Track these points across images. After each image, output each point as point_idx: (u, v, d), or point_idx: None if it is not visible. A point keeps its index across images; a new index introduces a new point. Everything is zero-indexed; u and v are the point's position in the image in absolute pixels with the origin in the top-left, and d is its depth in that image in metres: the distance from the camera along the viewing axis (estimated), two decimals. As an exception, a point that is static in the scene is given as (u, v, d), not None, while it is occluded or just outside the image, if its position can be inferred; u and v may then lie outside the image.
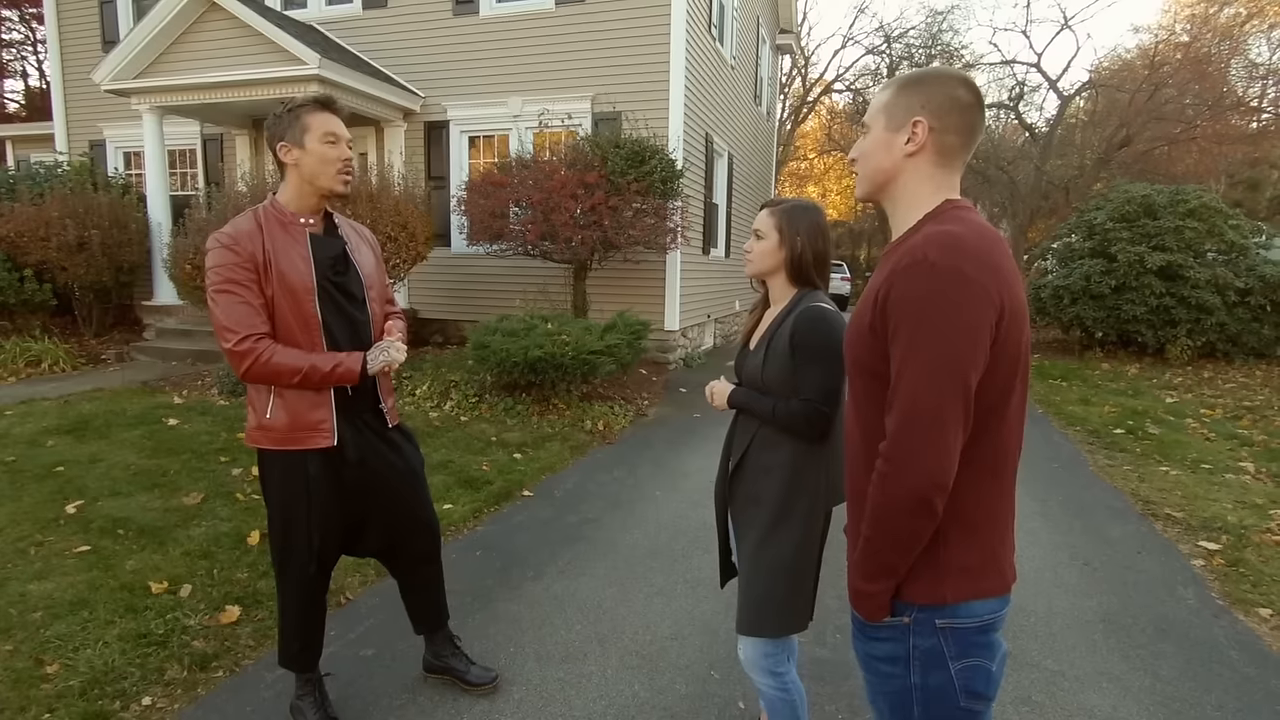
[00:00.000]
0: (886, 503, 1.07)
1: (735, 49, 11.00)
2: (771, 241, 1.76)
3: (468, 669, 2.39)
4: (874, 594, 1.12)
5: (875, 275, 1.15)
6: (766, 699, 1.81)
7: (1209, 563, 3.56)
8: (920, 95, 1.14)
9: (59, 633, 2.59)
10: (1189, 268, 9.45)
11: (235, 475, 4.26)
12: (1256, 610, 3.09)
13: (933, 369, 1.01)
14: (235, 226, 1.90)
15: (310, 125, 1.90)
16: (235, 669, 2.49)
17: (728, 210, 11.28)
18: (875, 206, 1.38)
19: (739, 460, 1.82)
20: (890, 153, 1.17)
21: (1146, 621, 2.97)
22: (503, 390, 6.11)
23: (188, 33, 8.28)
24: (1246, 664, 2.68)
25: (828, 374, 1.67)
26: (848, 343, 1.20)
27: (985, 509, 1.10)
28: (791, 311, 1.74)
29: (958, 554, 1.10)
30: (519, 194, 6.94)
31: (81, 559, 3.16)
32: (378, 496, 2.13)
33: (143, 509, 3.72)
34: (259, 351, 1.84)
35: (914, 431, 1.03)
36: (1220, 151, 21.39)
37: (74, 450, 4.65)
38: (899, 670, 1.14)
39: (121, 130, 10.48)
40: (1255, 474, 4.94)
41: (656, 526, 3.84)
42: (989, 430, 1.07)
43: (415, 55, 9.11)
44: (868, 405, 1.16)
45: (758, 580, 1.74)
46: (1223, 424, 6.33)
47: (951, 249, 1.02)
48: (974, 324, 1.01)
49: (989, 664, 1.12)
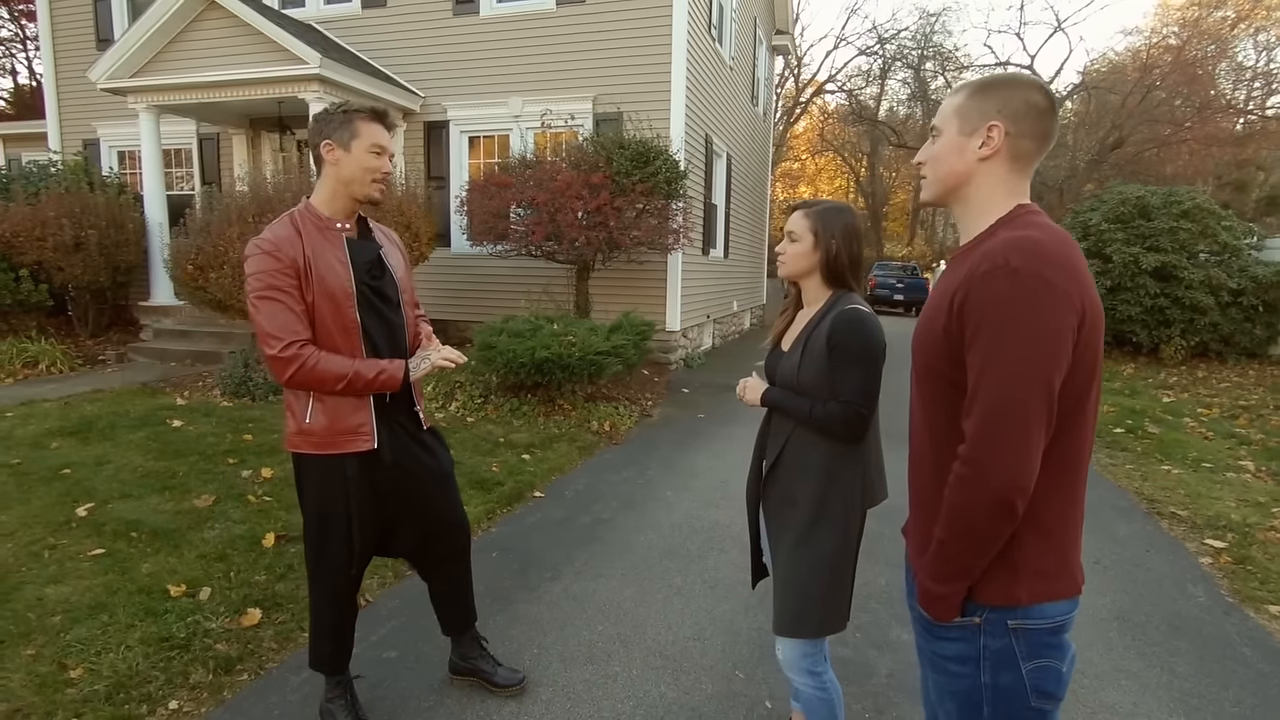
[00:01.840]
0: (966, 505, 1.08)
1: (734, 50, 11.03)
2: (806, 244, 1.77)
3: (495, 670, 2.40)
4: (946, 595, 1.13)
5: (945, 279, 1.16)
6: (804, 698, 1.83)
7: (1216, 560, 3.61)
8: (996, 99, 1.15)
9: (80, 636, 2.57)
10: (1183, 268, 9.56)
11: (245, 477, 4.24)
12: (1266, 608, 3.14)
13: (1017, 372, 1.02)
14: (274, 232, 1.89)
15: (360, 132, 1.91)
16: (260, 672, 2.48)
17: (726, 211, 11.30)
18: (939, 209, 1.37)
19: (774, 461, 1.83)
20: (963, 156, 1.18)
21: (1160, 619, 3.01)
22: (508, 391, 6.10)
23: (186, 31, 8.23)
24: (1260, 660, 2.72)
25: (866, 376, 1.69)
26: (918, 348, 1.21)
27: (1059, 512, 1.11)
28: (828, 313, 1.75)
29: (1032, 556, 1.11)
30: (523, 194, 6.93)
31: (97, 562, 3.14)
32: (410, 498, 2.14)
33: (154, 511, 3.70)
34: (304, 358, 1.84)
35: (998, 434, 1.04)
36: (1209, 153, 21.64)
37: (79, 452, 4.61)
38: (968, 670, 1.15)
39: (116, 129, 10.40)
40: (1255, 472, 5.01)
41: (670, 527, 3.85)
42: (1066, 433, 1.08)
43: (415, 55, 9.08)
44: (935, 409, 1.17)
45: (795, 582, 1.75)
46: (1220, 423, 6.41)
47: (1034, 254, 1.03)
48: (1057, 328, 1.02)
49: (1059, 664, 1.13)
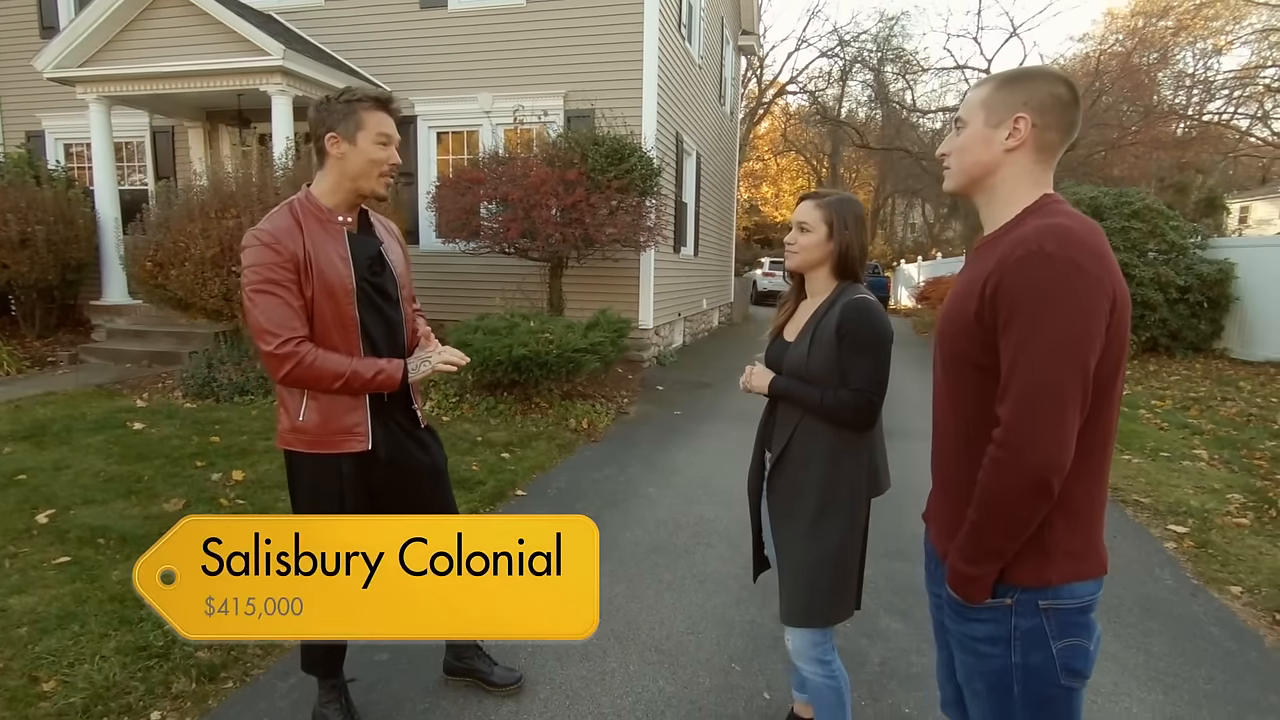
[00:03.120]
0: (1002, 487, 1.10)
1: (702, 49, 11.08)
2: (820, 235, 1.77)
3: (491, 670, 2.37)
4: (979, 577, 1.16)
5: (973, 268, 1.18)
6: (813, 687, 1.85)
7: (1179, 545, 3.76)
8: (1022, 92, 1.17)
9: (50, 648, 2.45)
10: (1134, 266, 9.92)
11: (215, 480, 4.11)
12: (1228, 588, 3.28)
13: (1054, 354, 1.05)
14: (274, 223, 1.82)
15: (366, 122, 1.84)
16: (245, 679, 2.40)
17: (696, 209, 11.36)
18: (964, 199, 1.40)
19: (780, 452, 1.83)
20: (989, 148, 1.20)
21: (1132, 602, 3.13)
22: (484, 389, 6.03)
23: (139, 19, 7.92)
24: (1227, 639, 2.84)
25: (877, 363, 1.71)
26: (944, 335, 1.22)
27: (1087, 493, 1.14)
28: (835, 303, 1.76)
29: (1062, 538, 1.14)
30: (497, 190, 6.85)
31: (62, 570, 3.00)
32: (407, 496, 2.09)
33: (121, 517, 3.55)
34: (301, 355, 1.78)
35: (1035, 415, 1.06)
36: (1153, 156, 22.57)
37: (35, 457, 4.40)
38: (999, 650, 1.18)
39: (62, 121, 9.96)
40: (1209, 460, 5.24)
41: (655, 523, 3.85)
42: (1095, 415, 1.10)
43: (380, 48, 8.90)
44: (962, 395, 1.19)
45: (805, 572, 1.77)
46: (1174, 414, 6.68)
47: (1067, 241, 1.06)
48: (1092, 309, 1.05)
49: (1088, 643, 1.17)
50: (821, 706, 1.85)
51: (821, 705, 1.85)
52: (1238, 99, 23.89)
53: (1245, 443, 5.65)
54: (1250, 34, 23.28)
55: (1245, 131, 25.40)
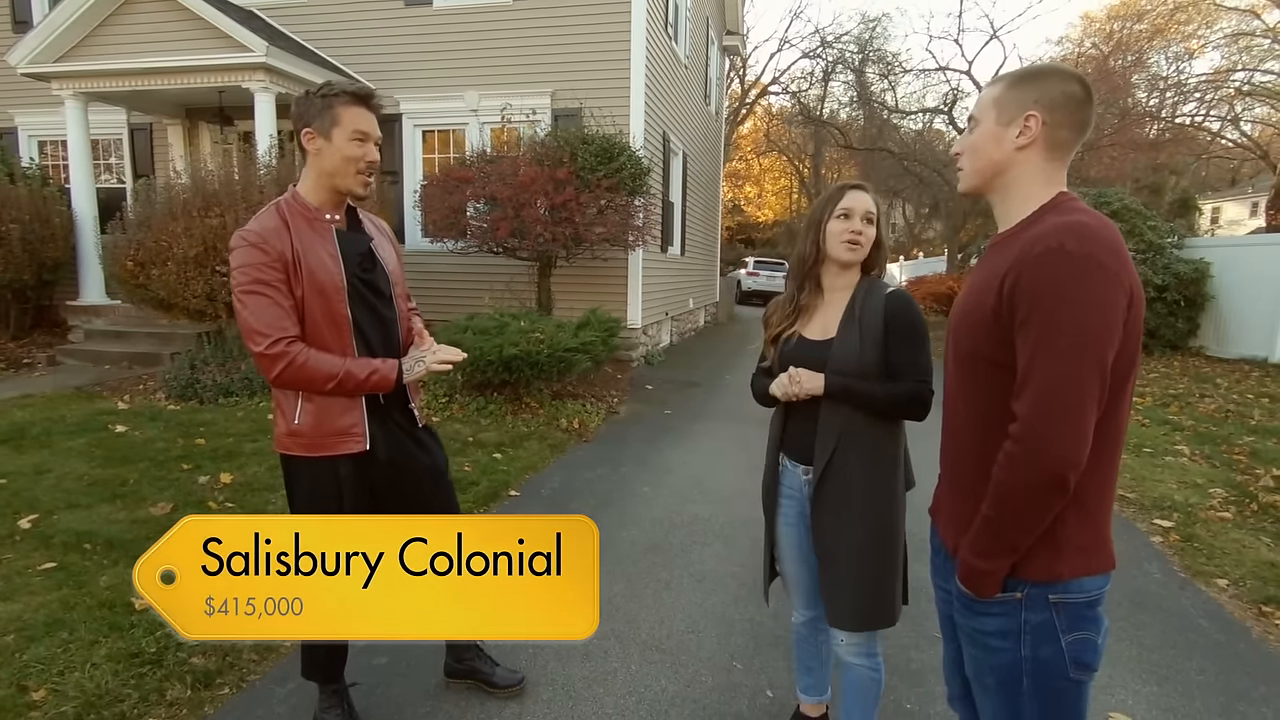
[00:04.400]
0: (1018, 483, 1.10)
1: (688, 49, 11.10)
2: (875, 227, 1.78)
3: (493, 671, 2.35)
4: (991, 572, 1.16)
5: (988, 264, 1.19)
6: (856, 678, 1.85)
7: (1166, 539, 3.83)
8: (1034, 90, 1.18)
9: (39, 656, 2.40)
10: (1114, 266, 10.09)
11: (203, 483, 4.04)
12: (1215, 581, 3.35)
13: (1072, 349, 1.05)
14: (260, 223, 1.79)
15: (341, 119, 1.80)
16: (242, 685, 2.36)
17: (683, 209, 11.37)
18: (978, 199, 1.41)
19: (829, 458, 1.74)
20: (1001, 146, 1.20)
21: (1122, 595, 3.17)
22: (474, 389, 5.99)
23: (117, 13, 7.77)
24: (1217, 631, 2.90)
25: (928, 353, 1.73)
26: (959, 332, 1.23)
27: (1098, 488, 1.15)
28: (869, 295, 1.75)
29: (1074, 533, 1.15)
30: (485, 189, 6.81)
31: (48, 576, 2.93)
32: (407, 497, 2.07)
33: (107, 521, 3.48)
34: (292, 355, 1.75)
35: (1054, 411, 1.06)
36: (1128, 158, 22.92)
37: (14, 461, 4.30)
38: (1009, 644, 1.19)
39: (36, 117, 9.74)
40: (1191, 456, 5.34)
41: (650, 522, 3.85)
42: (1110, 410, 1.11)
43: (365, 46, 8.81)
44: (976, 392, 1.20)
45: (868, 577, 1.74)
46: (1154, 411, 6.80)
47: (1085, 237, 1.06)
48: (1110, 305, 1.05)
49: (1096, 637, 1.18)
50: (862, 697, 1.86)
51: (862, 695, 1.86)
52: (1209, 102, 24.38)
53: (1224, 438, 5.77)
54: (1221, 38, 23.79)
55: (1217, 133, 25.90)
